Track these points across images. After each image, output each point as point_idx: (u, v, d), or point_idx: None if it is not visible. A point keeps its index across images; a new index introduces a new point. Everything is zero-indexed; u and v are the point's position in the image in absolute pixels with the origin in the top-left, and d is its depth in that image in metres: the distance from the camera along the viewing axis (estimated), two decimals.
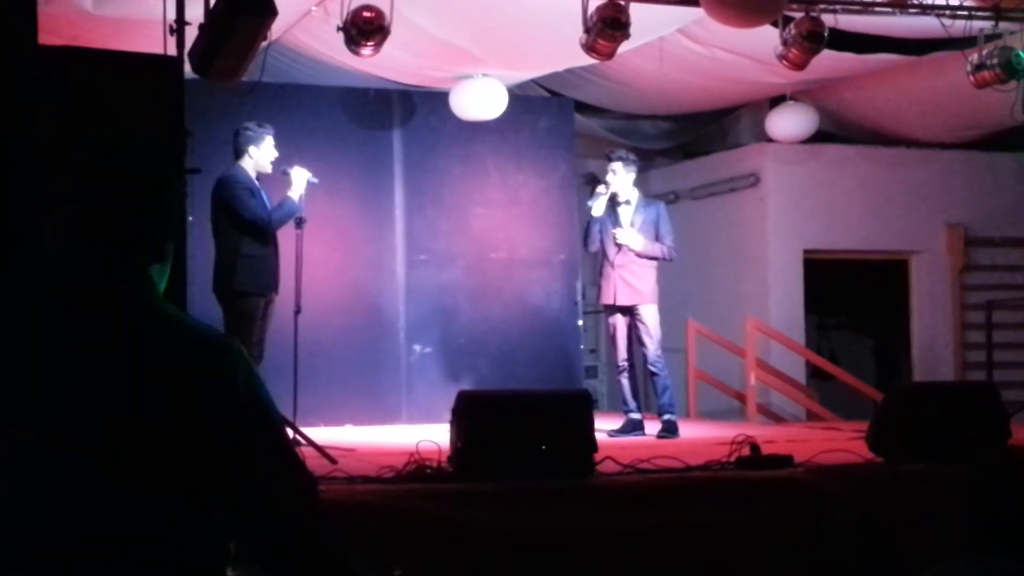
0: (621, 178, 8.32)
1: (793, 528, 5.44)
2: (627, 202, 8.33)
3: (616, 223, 8.28)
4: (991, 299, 11.11)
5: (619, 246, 8.21)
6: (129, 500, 1.83)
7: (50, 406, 1.84)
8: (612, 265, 8.23)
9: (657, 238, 8.30)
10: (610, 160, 8.43)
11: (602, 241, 8.30)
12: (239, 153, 7.44)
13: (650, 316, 8.24)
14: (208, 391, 1.89)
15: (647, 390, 8.69)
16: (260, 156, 7.42)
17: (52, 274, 1.94)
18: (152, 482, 1.84)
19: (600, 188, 8.37)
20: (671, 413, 8.21)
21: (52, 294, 1.92)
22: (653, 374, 8.25)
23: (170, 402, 1.87)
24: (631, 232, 8.23)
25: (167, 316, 1.95)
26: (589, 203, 8.34)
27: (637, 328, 8.26)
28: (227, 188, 7.32)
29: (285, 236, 7.44)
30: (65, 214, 1.94)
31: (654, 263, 8.31)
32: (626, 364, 8.32)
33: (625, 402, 8.36)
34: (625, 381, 8.33)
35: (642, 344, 8.26)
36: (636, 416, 8.32)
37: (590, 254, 8.77)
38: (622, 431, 8.22)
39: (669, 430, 8.14)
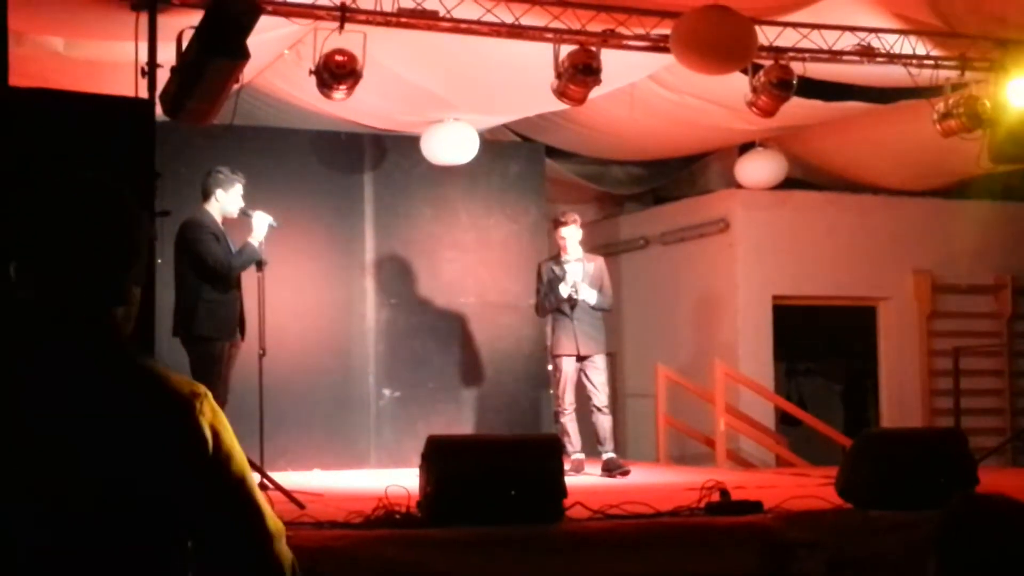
0: (575, 238, 8.69)
1: (763, 574, 5.43)
2: (577, 260, 8.71)
3: (566, 278, 8.61)
4: (958, 345, 11.18)
5: (573, 300, 8.51)
6: (94, 530, 1.83)
7: (12, 450, 1.82)
8: (571, 318, 8.63)
9: (600, 290, 8.72)
10: (563, 225, 8.75)
11: (556, 295, 8.62)
12: (206, 195, 7.42)
13: (602, 363, 8.77)
14: (172, 437, 1.88)
15: (588, 432, 8.86)
16: (226, 201, 7.40)
17: (15, 317, 1.93)
18: (116, 520, 1.83)
19: (568, 277, 8.58)
20: (613, 451, 8.70)
21: (15, 338, 1.90)
22: (603, 415, 8.62)
23: (134, 447, 1.86)
24: (585, 287, 8.61)
25: (132, 360, 1.94)
26: (563, 289, 8.55)
27: (589, 375, 8.66)
28: (191, 231, 7.30)
29: (248, 279, 7.40)
30: (29, 256, 1.93)
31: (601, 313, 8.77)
32: (573, 408, 8.69)
33: (571, 444, 8.61)
34: (572, 424, 8.68)
35: (594, 389, 8.66)
36: (581, 456, 8.68)
37: (541, 318, 9.13)
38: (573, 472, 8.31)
39: (618, 466, 8.58)
